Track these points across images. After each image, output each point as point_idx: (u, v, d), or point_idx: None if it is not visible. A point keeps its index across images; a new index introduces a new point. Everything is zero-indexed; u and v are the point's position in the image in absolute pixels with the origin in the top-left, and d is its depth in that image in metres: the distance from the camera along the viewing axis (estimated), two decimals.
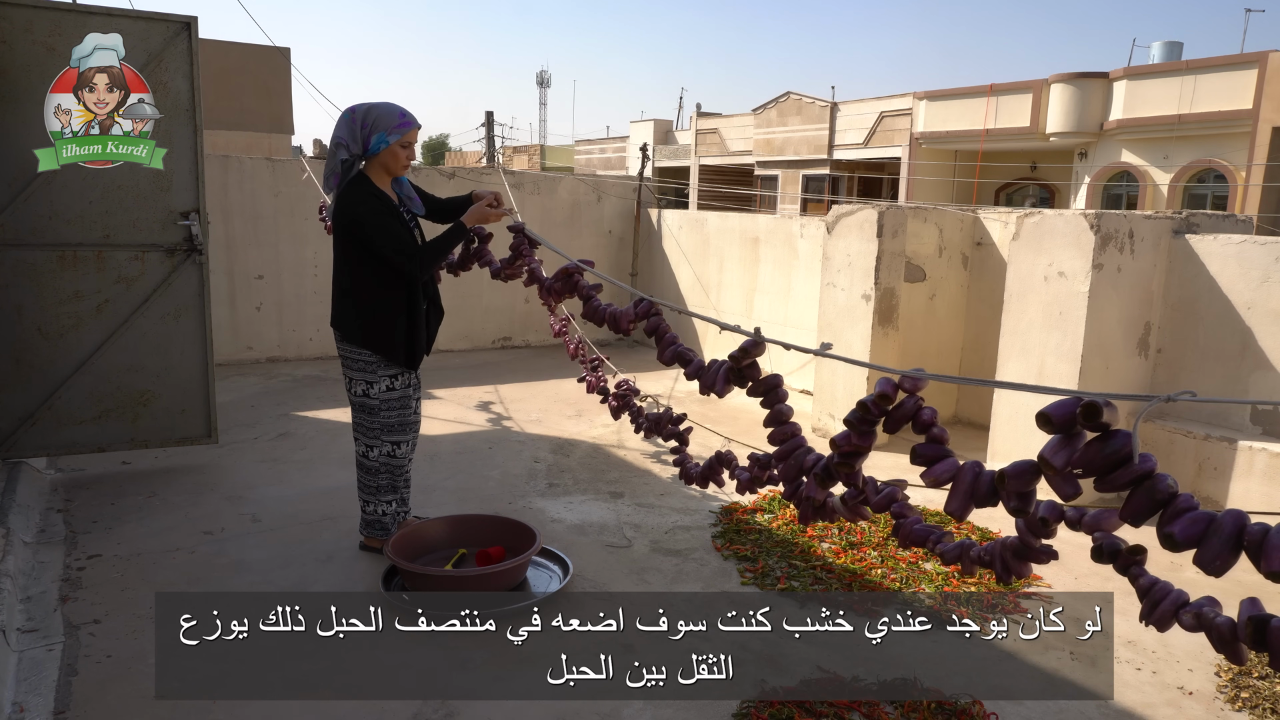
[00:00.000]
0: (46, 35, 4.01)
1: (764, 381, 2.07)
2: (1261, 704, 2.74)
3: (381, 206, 3.28)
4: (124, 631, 2.94)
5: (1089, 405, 1.33)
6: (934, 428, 1.67)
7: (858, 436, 1.75)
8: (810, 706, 2.59)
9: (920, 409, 1.68)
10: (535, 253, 3.33)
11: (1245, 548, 1.24)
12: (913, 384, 1.68)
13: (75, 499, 4.13)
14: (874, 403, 1.70)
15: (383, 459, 3.52)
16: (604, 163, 31.54)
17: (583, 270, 2.71)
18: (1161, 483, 1.32)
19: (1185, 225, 4.74)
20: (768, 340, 2.01)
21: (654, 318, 2.40)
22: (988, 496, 1.53)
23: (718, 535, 3.95)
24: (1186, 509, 1.30)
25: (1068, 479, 1.39)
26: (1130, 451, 1.32)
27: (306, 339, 7.57)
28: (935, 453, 1.64)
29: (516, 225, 3.33)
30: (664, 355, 2.34)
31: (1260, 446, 4.13)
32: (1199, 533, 1.27)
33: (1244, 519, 1.26)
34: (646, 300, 2.42)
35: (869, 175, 22.61)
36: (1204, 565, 1.26)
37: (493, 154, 18.78)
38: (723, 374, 2.10)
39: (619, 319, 2.55)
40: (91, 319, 4.33)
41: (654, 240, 8.88)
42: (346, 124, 3.28)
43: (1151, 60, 18.86)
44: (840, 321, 5.64)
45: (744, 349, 2.04)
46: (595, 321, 2.63)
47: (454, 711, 2.57)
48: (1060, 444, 1.38)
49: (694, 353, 2.33)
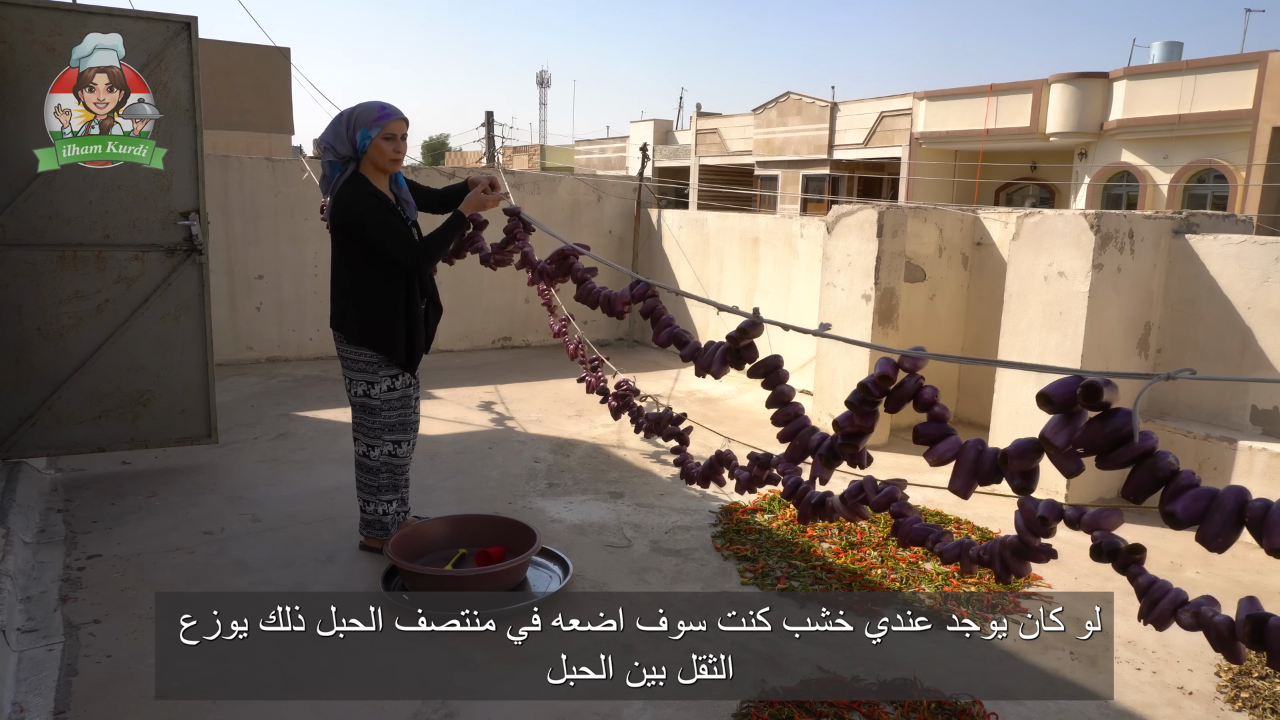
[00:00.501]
0: (46, 35, 4.01)
1: (764, 362, 2.03)
2: (1261, 704, 2.74)
3: (380, 204, 3.28)
4: (124, 631, 2.94)
5: (1089, 385, 1.33)
6: (935, 406, 1.66)
7: (860, 417, 1.75)
8: (810, 706, 2.59)
9: (921, 388, 1.68)
10: (530, 238, 3.32)
11: (1247, 524, 1.24)
12: (913, 363, 1.67)
13: (75, 499, 4.13)
14: (875, 383, 1.69)
15: (384, 459, 3.52)
16: (604, 163, 31.54)
17: (578, 253, 2.68)
18: (1163, 460, 1.32)
19: (1185, 225, 4.74)
20: (766, 321, 1.97)
21: (650, 299, 2.36)
22: (991, 474, 1.53)
23: (718, 535, 3.95)
24: (1188, 486, 1.30)
25: (1070, 457, 1.40)
26: (1131, 430, 1.33)
27: (306, 339, 7.57)
28: (938, 431, 1.64)
29: (512, 209, 3.31)
30: (659, 336, 2.31)
31: (1260, 446, 4.14)
32: (1201, 509, 1.27)
33: (1245, 495, 1.26)
34: (642, 282, 2.39)
35: (869, 175, 22.61)
36: (1206, 541, 1.26)
37: (493, 154, 18.79)
38: (719, 355, 2.07)
39: (613, 301, 2.51)
40: (91, 319, 4.33)
41: (654, 240, 8.88)
42: (333, 127, 3.31)
43: (1151, 60, 18.86)
44: (840, 321, 5.64)
45: (742, 329, 2.00)
46: (589, 304, 2.58)
47: (454, 711, 2.57)
48: (1061, 423, 1.39)
49: (690, 334, 2.31)
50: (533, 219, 3.28)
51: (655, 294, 2.38)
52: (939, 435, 1.63)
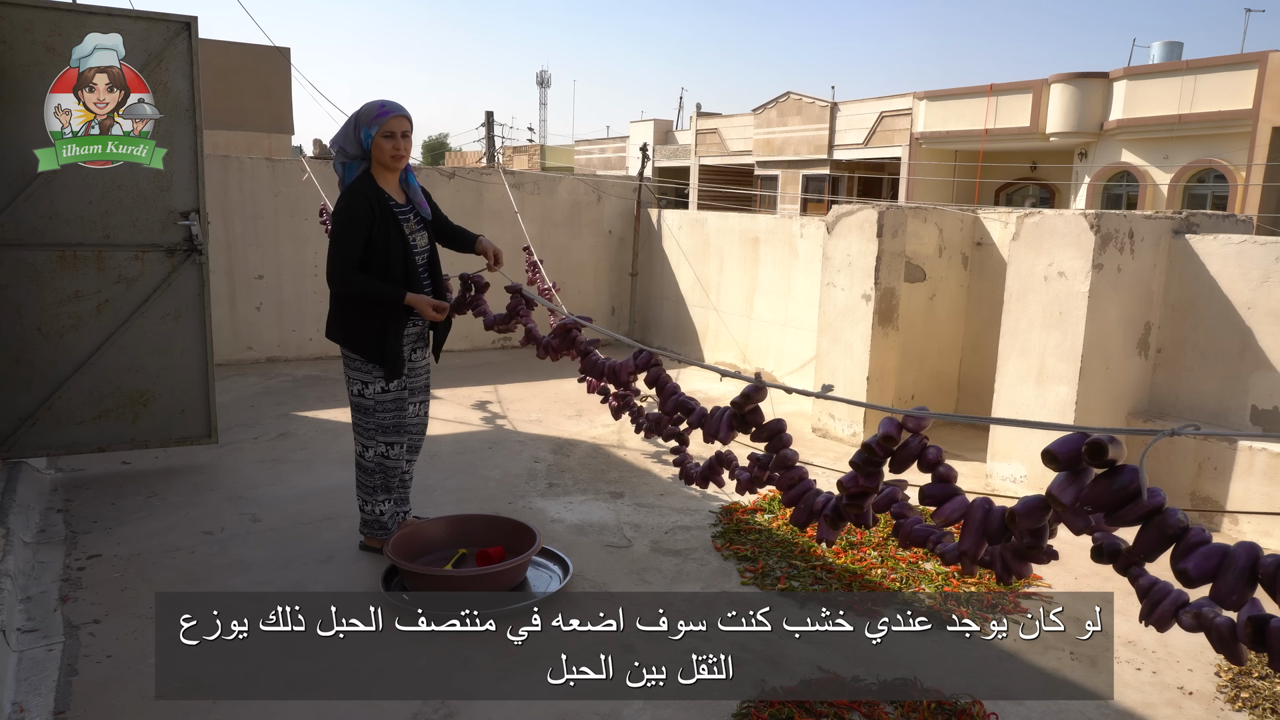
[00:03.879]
0: (46, 35, 4.01)
1: (768, 427, 2.06)
2: (1261, 704, 2.74)
3: (358, 208, 3.25)
4: (124, 631, 2.95)
5: (1094, 443, 1.33)
6: (940, 466, 1.68)
7: (864, 478, 1.76)
8: (810, 706, 2.59)
9: (925, 448, 1.69)
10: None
11: (1260, 580, 1.24)
12: (916, 424, 1.68)
13: (75, 499, 4.13)
14: (879, 444, 1.71)
15: (377, 459, 3.52)
16: (604, 163, 31.53)
17: (581, 326, 2.74)
18: (1172, 517, 1.32)
19: (1185, 225, 4.74)
20: (770, 385, 2.00)
21: (654, 368, 2.42)
22: (999, 533, 1.54)
23: (718, 535, 3.95)
24: (1199, 543, 1.30)
25: (1078, 514, 1.39)
26: (1139, 487, 1.33)
27: (306, 339, 7.57)
28: (944, 492, 1.65)
29: (513, 286, 3.32)
30: (666, 405, 2.35)
31: (1260, 446, 4.13)
32: (1213, 567, 1.27)
33: (1257, 551, 1.26)
34: (645, 351, 2.44)
35: (869, 175, 22.61)
36: (1221, 600, 1.26)
37: (493, 154, 18.76)
38: (726, 421, 2.10)
39: (619, 371, 2.57)
40: (91, 319, 4.33)
41: (654, 240, 8.88)
42: (343, 129, 3.36)
43: (1151, 60, 18.85)
44: (840, 321, 5.64)
45: (746, 395, 2.03)
46: (595, 376, 2.67)
47: (454, 711, 2.57)
48: (1068, 480, 1.38)
49: (695, 401, 2.34)
50: (534, 295, 3.31)
51: (659, 362, 2.42)
52: (945, 495, 1.64)
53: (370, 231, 3.27)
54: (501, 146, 33.28)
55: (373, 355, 3.35)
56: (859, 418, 5.48)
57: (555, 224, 8.67)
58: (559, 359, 2.92)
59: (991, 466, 4.79)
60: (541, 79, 51.48)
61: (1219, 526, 4.27)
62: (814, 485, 2.01)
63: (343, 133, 3.35)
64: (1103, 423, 4.55)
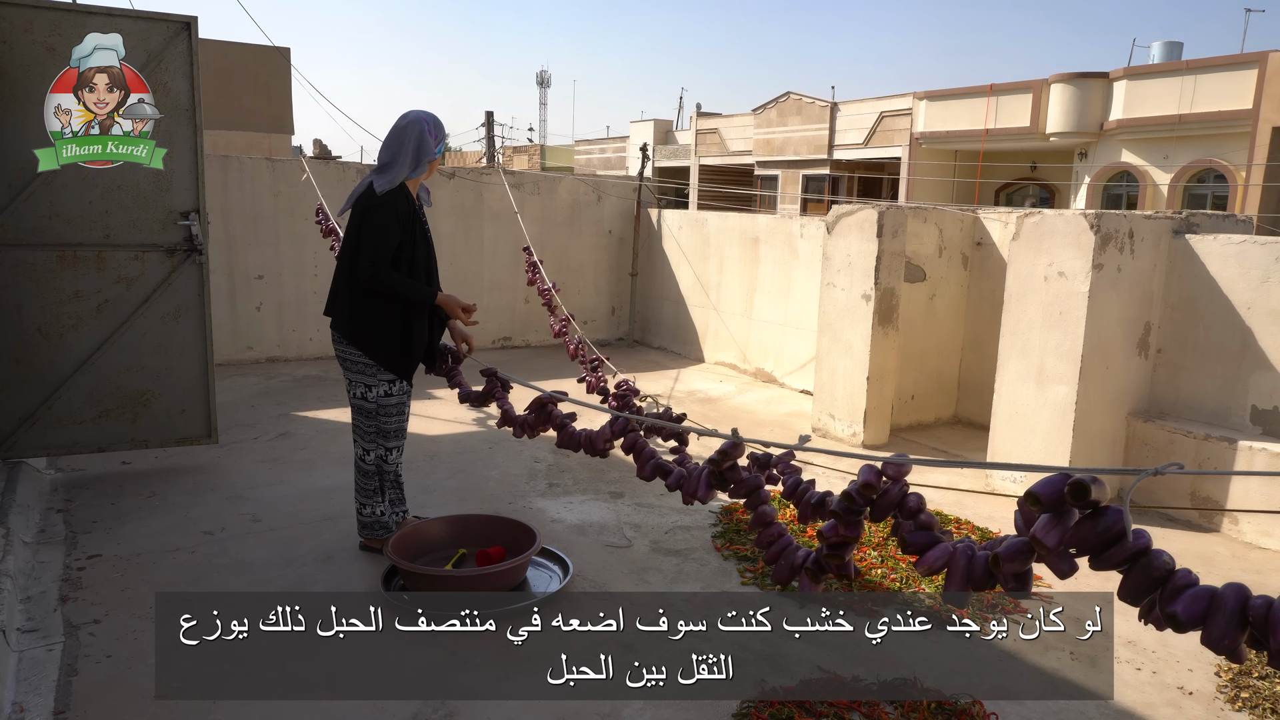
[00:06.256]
0: (46, 35, 4.01)
1: (745, 483, 2.03)
2: (1261, 704, 2.74)
3: (402, 209, 3.32)
4: (124, 631, 2.94)
5: (1076, 484, 1.30)
6: (921, 514, 1.65)
7: (845, 527, 1.74)
8: (810, 706, 2.59)
9: (906, 495, 1.66)
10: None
11: (1251, 623, 1.22)
12: (896, 470, 1.65)
13: (75, 499, 4.13)
14: (859, 492, 1.68)
15: (376, 463, 3.53)
16: (604, 163, 31.52)
17: (556, 401, 2.72)
18: (1157, 560, 1.30)
19: (1185, 225, 4.74)
20: (746, 441, 1.97)
21: (630, 434, 2.38)
22: (984, 579, 1.51)
23: (718, 535, 3.95)
24: (1185, 586, 1.28)
25: (1063, 557, 1.37)
26: (1123, 528, 1.31)
27: (306, 339, 7.57)
28: (926, 540, 1.61)
29: (487, 370, 3.31)
30: (644, 471, 2.28)
31: (1260, 446, 4.13)
32: (1202, 610, 1.25)
33: (1245, 592, 1.24)
34: (621, 418, 2.42)
35: (869, 175, 22.61)
36: (1213, 645, 1.24)
37: (493, 154, 18.74)
38: (704, 479, 2.06)
39: (594, 440, 2.52)
40: (91, 319, 4.33)
41: (654, 240, 8.88)
42: (415, 135, 3.35)
43: (1151, 60, 18.84)
44: (840, 321, 5.64)
45: (723, 451, 1.98)
46: (571, 448, 2.62)
47: (454, 711, 2.57)
48: (1052, 522, 1.35)
49: (672, 465, 2.29)
50: (511, 376, 3.29)
51: (635, 428, 2.39)
52: (928, 544, 1.61)
53: (404, 235, 3.34)
54: (501, 146, 33.26)
55: (397, 355, 3.37)
56: (859, 418, 5.48)
57: (555, 224, 8.67)
58: (536, 436, 2.89)
59: (991, 463, 4.79)
60: (541, 79, 51.47)
61: (1219, 526, 4.27)
62: (793, 541, 2.00)
63: (411, 138, 3.33)
64: (1103, 422, 4.55)
